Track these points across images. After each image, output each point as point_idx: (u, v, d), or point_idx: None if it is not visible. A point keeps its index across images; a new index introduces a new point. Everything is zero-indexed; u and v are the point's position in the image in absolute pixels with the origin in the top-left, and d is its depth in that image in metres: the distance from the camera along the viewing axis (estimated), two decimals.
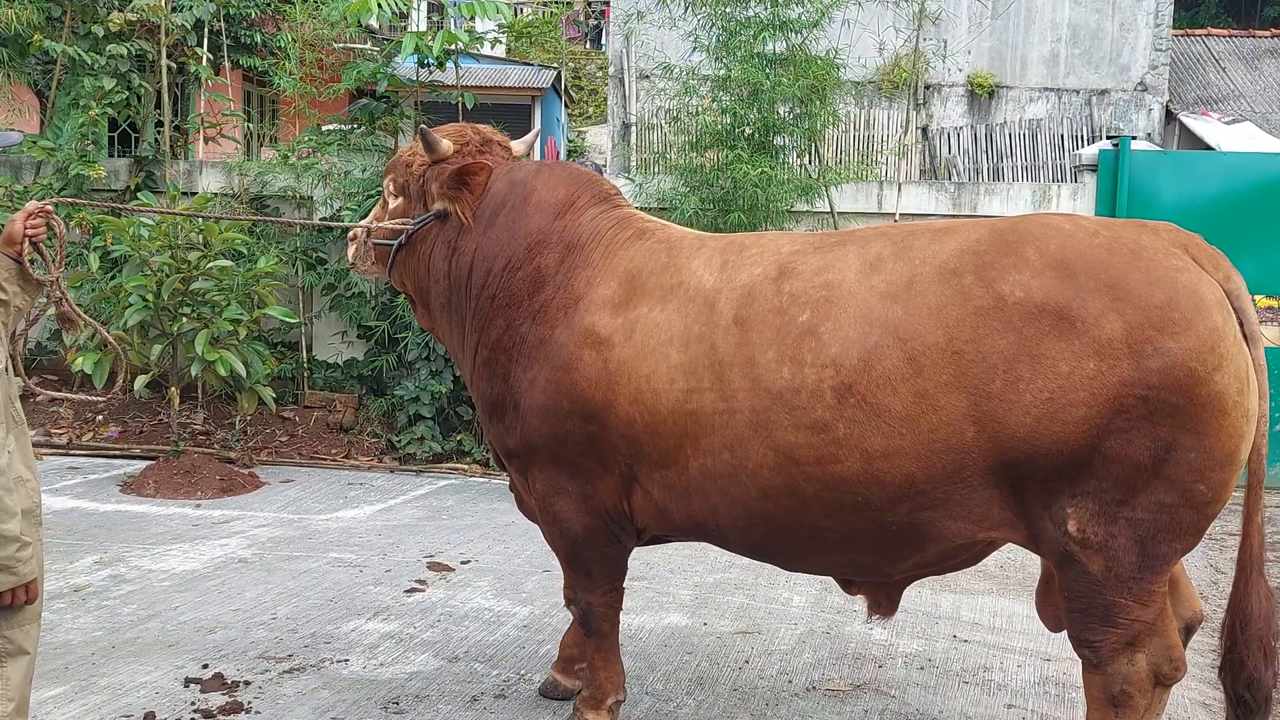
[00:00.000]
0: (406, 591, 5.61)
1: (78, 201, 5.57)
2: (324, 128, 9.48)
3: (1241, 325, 2.94)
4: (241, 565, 5.96)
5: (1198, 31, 19.00)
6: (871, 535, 3.23)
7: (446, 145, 4.02)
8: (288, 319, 8.13)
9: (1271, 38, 18.65)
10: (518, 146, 4.29)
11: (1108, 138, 14.16)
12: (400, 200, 4.17)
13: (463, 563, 6.16)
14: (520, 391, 3.69)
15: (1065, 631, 3.25)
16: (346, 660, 4.66)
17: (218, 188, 9.48)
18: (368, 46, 10.27)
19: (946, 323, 3.03)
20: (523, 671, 4.61)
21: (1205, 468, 2.88)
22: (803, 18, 8.13)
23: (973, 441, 2.99)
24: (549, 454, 3.68)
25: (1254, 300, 3.09)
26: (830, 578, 3.89)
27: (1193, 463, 2.87)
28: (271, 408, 8.41)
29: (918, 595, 5.60)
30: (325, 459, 8.77)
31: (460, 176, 3.92)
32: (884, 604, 3.71)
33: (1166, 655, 3.07)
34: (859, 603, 5.58)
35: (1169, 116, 15.49)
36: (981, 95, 15.14)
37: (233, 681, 4.36)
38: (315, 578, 5.78)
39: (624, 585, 3.96)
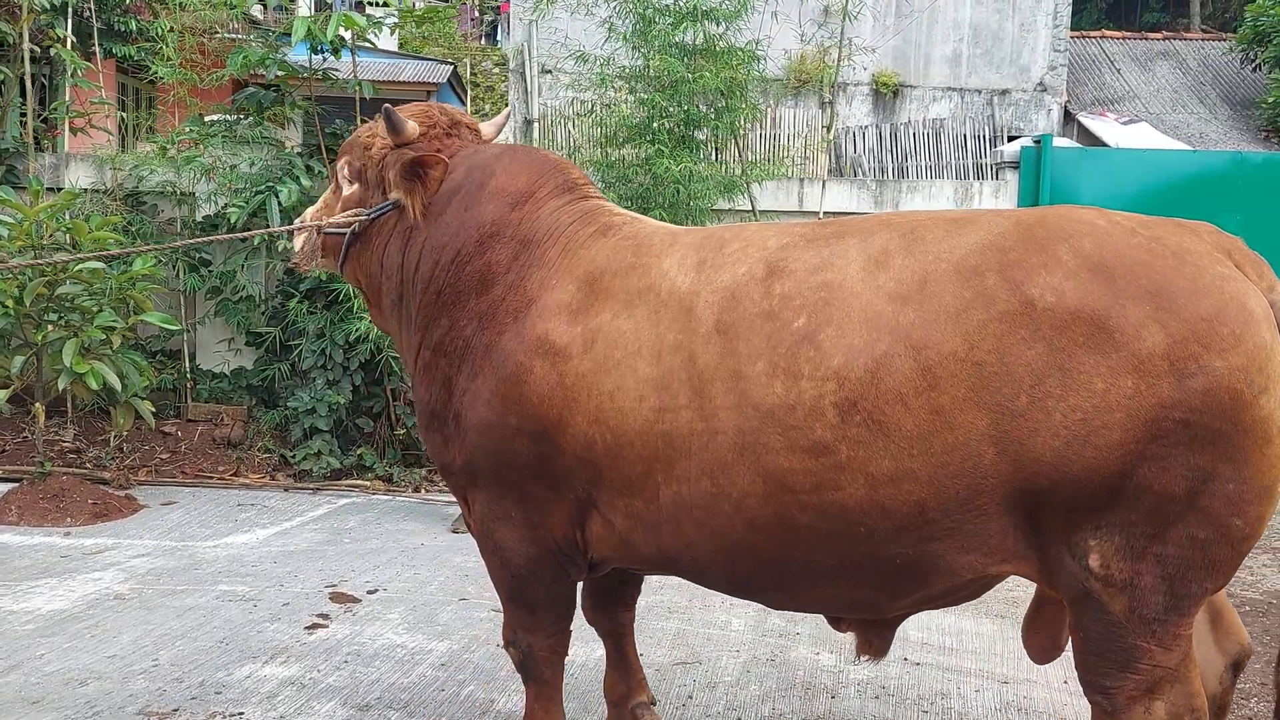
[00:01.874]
0: (307, 628, 5.06)
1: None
2: (207, 118, 8.80)
3: None
4: (118, 603, 5.34)
5: (1093, 33, 19.33)
6: (872, 569, 2.83)
7: (412, 127, 3.57)
8: (167, 326, 7.45)
9: (1163, 40, 19.07)
10: (487, 129, 3.84)
11: (1009, 137, 14.24)
12: (356, 187, 3.71)
13: (369, 592, 5.63)
14: (462, 402, 3.24)
15: (1073, 671, 2.91)
16: (241, 713, 4.13)
17: (88, 182, 8.73)
18: (249, 38, 9.60)
19: (966, 329, 2.64)
20: (443, 718, 4.12)
21: (1244, 500, 2.55)
22: (724, 7, 7.79)
23: (991, 465, 2.62)
24: (492, 475, 3.21)
25: None
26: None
27: (1231, 494, 2.53)
28: (150, 422, 7.71)
29: None
30: (211, 478, 8.11)
31: (414, 168, 3.48)
32: (875, 643, 3.30)
33: (1188, 704, 2.71)
34: (801, 625, 5.30)
35: (1068, 117, 15.63)
36: (886, 94, 15.06)
37: None
38: (203, 615, 5.19)
39: (570, 627, 3.50)
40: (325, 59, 8.45)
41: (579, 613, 3.44)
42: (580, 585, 3.62)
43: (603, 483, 3.06)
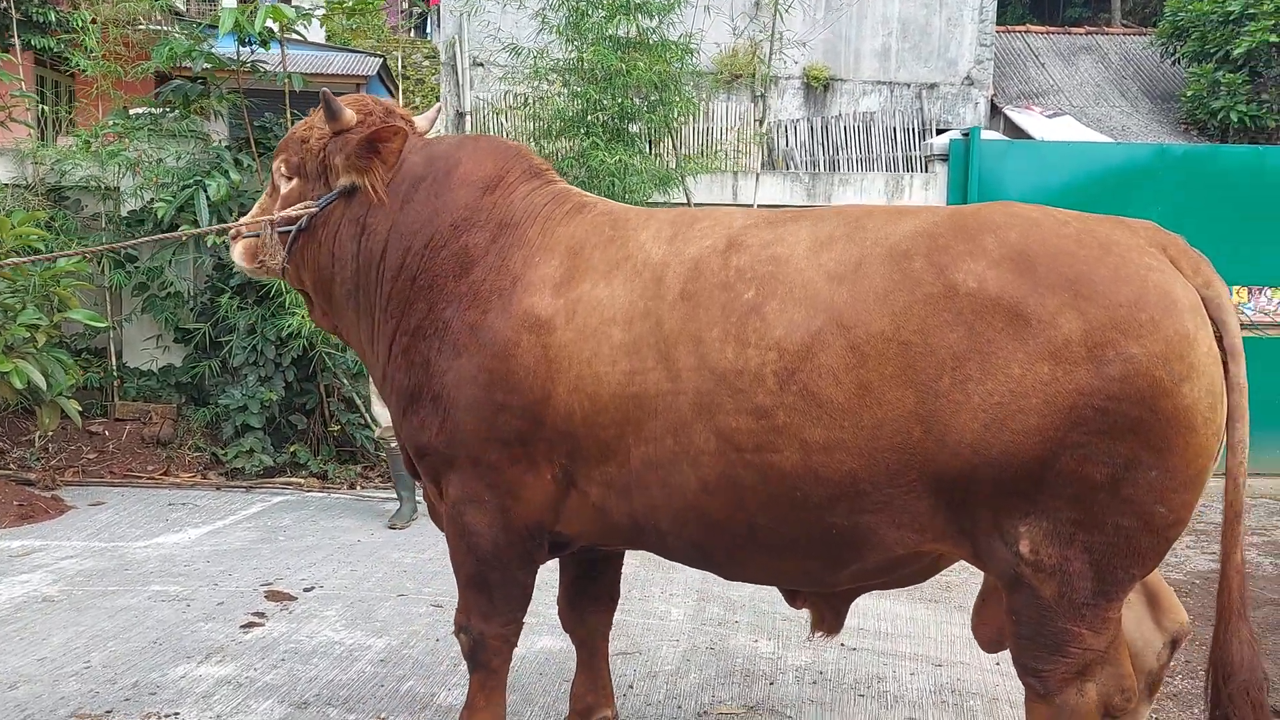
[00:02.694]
0: (243, 627, 5.00)
1: None
2: (131, 111, 8.62)
3: (1220, 338, 2.68)
4: (46, 605, 5.23)
5: (1018, 28, 19.68)
6: (811, 538, 2.92)
7: (350, 114, 3.56)
8: (93, 323, 7.30)
9: (1086, 35, 19.46)
10: (421, 122, 3.83)
11: (938, 130, 14.45)
12: (296, 182, 3.67)
13: (305, 590, 5.57)
14: (444, 383, 3.26)
15: (1006, 653, 2.98)
16: (176, 714, 4.07)
17: (9, 178, 8.50)
18: (173, 29, 9.42)
19: (893, 309, 2.73)
20: (383, 714, 4.11)
21: (1167, 489, 2.61)
22: (657, 0, 7.81)
23: (919, 442, 2.69)
24: (471, 455, 3.24)
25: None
26: (711, 589, 3.51)
27: (1154, 482, 2.60)
28: (77, 422, 7.56)
29: None
30: (141, 477, 7.97)
31: (371, 144, 3.47)
32: (829, 618, 3.39)
33: (1118, 685, 2.81)
34: (740, 613, 5.36)
35: (994, 110, 15.90)
36: (817, 88, 15.21)
37: None
38: (135, 616, 5.10)
39: (524, 619, 3.51)
40: (253, 51, 8.33)
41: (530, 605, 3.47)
42: (557, 588, 3.72)
43: (580, 453, 3.13)
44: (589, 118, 7.82)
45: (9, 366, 6.61)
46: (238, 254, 3.83)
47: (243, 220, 3.93)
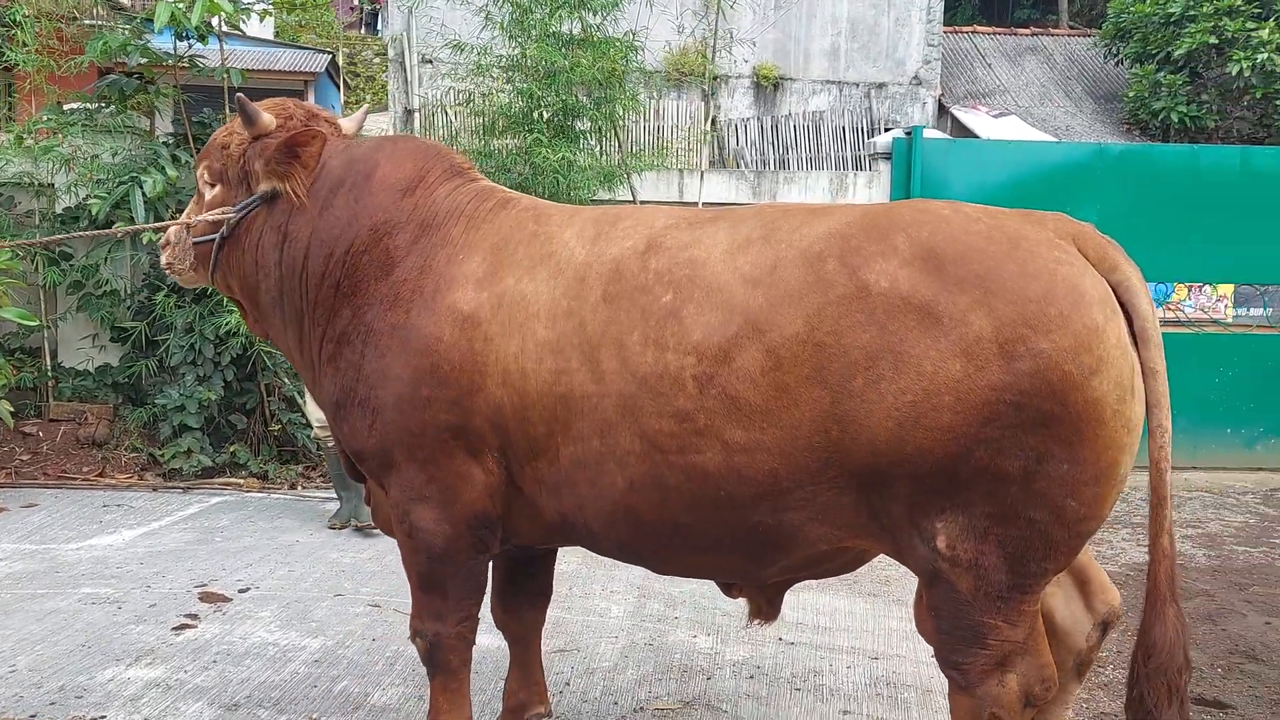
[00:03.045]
0: (175, 629, 4.92)
1: None
2: (66, 106, 8.46)
3: (1131, 323, 2.69)
4: None
5: (965, 29, 19.87)
6: (736, 536, 2.93)
7: (267, 118, 3.53)
8: (25, 322, 7.14)
9: (1032, 35, 19.69)
10: (347, 124, 3.80)
11: (886, 130, 14.56)
12: (218, 189, 3.64)
13: (241, 591, 5.50)
14: (370, 384, 3.24)
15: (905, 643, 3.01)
16: (103, 716, 4.00)
17: None
18: (111, 23, 9.26)
19: (807, 311, 2.75)
20: (316, 715, 4.06)
21: (1079, 482, 2.62)
22: None
23: (837, 441, 2.71)
24: (407, 452, 3.22)
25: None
26: (652, 586, 3.51)
27: (1065, 476, 2.61)
28: (9, 422, 7.41)
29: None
30: (75, 478, 7.83)
31: (289, 148, 3.44)
32: (765, 608, 3.39)
33: (1039, 675, 2.83)
34: (680, 609, 5.35)
35: (941, 110, 16.05)
36: (767, 87, 15.26)
37: None
38: (64, 619, 5.00)
39: (479, 615, 3.46)
40: (191, 46, 8.21)
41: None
42: (490, 580, 3.65)
43: (511, 449, 3.12)
44: (533, 114, 7.79)
45: None
46: (164, 258, 3.85)
47: (165, 223, 3.90)
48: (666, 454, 2.87)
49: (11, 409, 7.25)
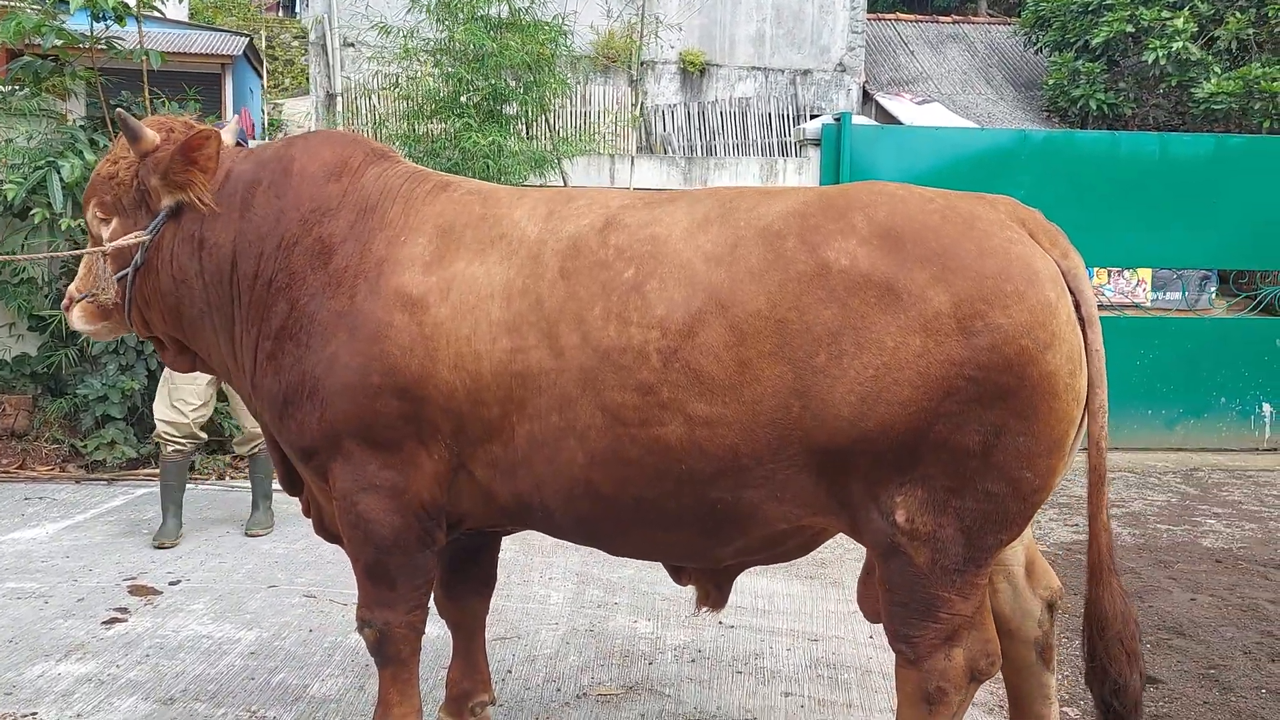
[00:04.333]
0: (104, 623, 4.82)
1: None
2: None
3: (1079, 307, 2.78)
4: None
5: (888, 16, 20.09)
6: (695, 512, 2.95)
7: (152, 134, 3.42)
8: None
9: (953, 23, 19.97)
10: (225, 135, 3.67)
11: (811, 116, 14.68)
12: (116, 223, 3.48)
13: (171, 584, 5.39)
14: (318, 374, 3.16)
15: (880, 625, 3.05)
16: (34, 713, 3.91)
17: None
18: (22, 4, 8.97)
19: (769, 288, 2.78)
20: (254, 708, 4.00)
21: (1034, 454, 2.70)
22: None
23: (798, 417, 2.75)
24: (356, 441, 3.16)
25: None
26: (590, 572, 3.50)
27: (1021, 448, 2.69)
28: None
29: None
30: None
31: (185, 155, 3.33)
32: (714, 594, 3.42)
33: (984, 649, 2.91)
34: (619, 595, 5.37)
35: (866, 97, 16.23)
36: (694, 73, 15.29)
37: None
38: None
39: (428, 603, 3.43)
40: (108, 27, 7.97)
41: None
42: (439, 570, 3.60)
43: (465, 433, 3.09)
44: (461, 99, 7.72)
45: None
46: (78, 319, 3.63)
47: (76, 252, 3.73)
48: (628, 427, 2.88)
49: None
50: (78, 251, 3.71)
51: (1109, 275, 14.45)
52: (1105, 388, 2.80)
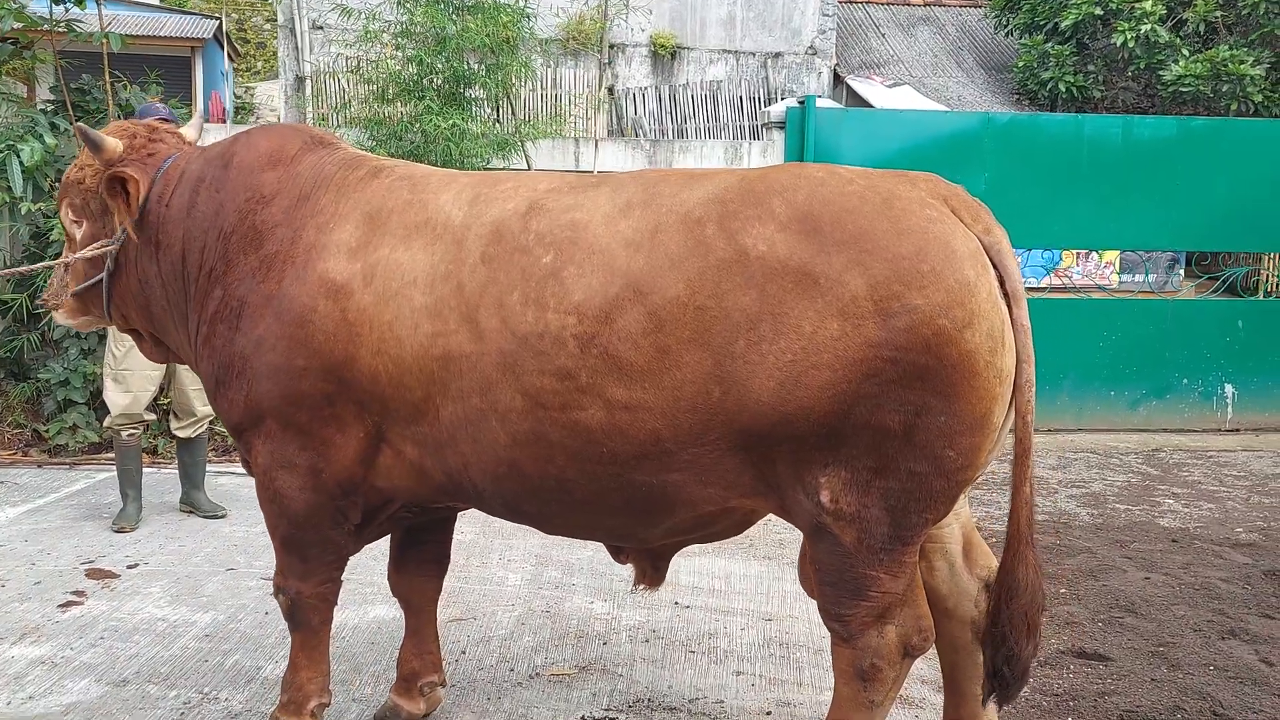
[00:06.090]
0: (60, 606, 4.83)
1: None
2: None
3: (1003, 283, 2.78)
4: None
5: None
6: (620, 495, 2.99)
7: (112, 143, 3.59)
8: None
9: (924, 6, 19.98)
10: (189, 132, 3.91)
11: (782, 99, 14.69)
12: (86, 226, 3.70)
13: (129, 567, 5.40)
14: (244, 355, 3.27)
15: (813, 600, 3.09)
16: None
17: None
18: None
19: (688, 275, 2.80)
20: (206, 689, 4.03)
21: (955, 433, 2.71)
22: None
23: (719, 403, 2.77)
24: (278, 420, 3.26)
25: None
26: (550, 554, 3.54)
27: (943, 428, 2.70)
28: None
29: None
30: None
31: (111, 183, 3.52)
32: (650, 574, 3.46)
33: (916, 626, 2.94)
34: (577, 576, 5.41)
35: (837, 79, 16.24)
36: (664, 56, 15.27)
37: None
38: None
39: (341, 578, 3.53)
40: (69, 10, 7.91)
41: (349, 573, 3.44)
42: (390, 547, 3.76)
43: (390, 414, 3.15)
44: (424, 81, 7.70)
45: None
46: (61, 316, 3.86)
47: (43, 264, 4.07)
48: (549, 410, 2.91)
49: None
50: (43, 265, 4.00)
51: (1075, 258, 14.54)
52: (1032, 363, 2.80)
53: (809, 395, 2.69)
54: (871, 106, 14.85)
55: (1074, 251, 14.11)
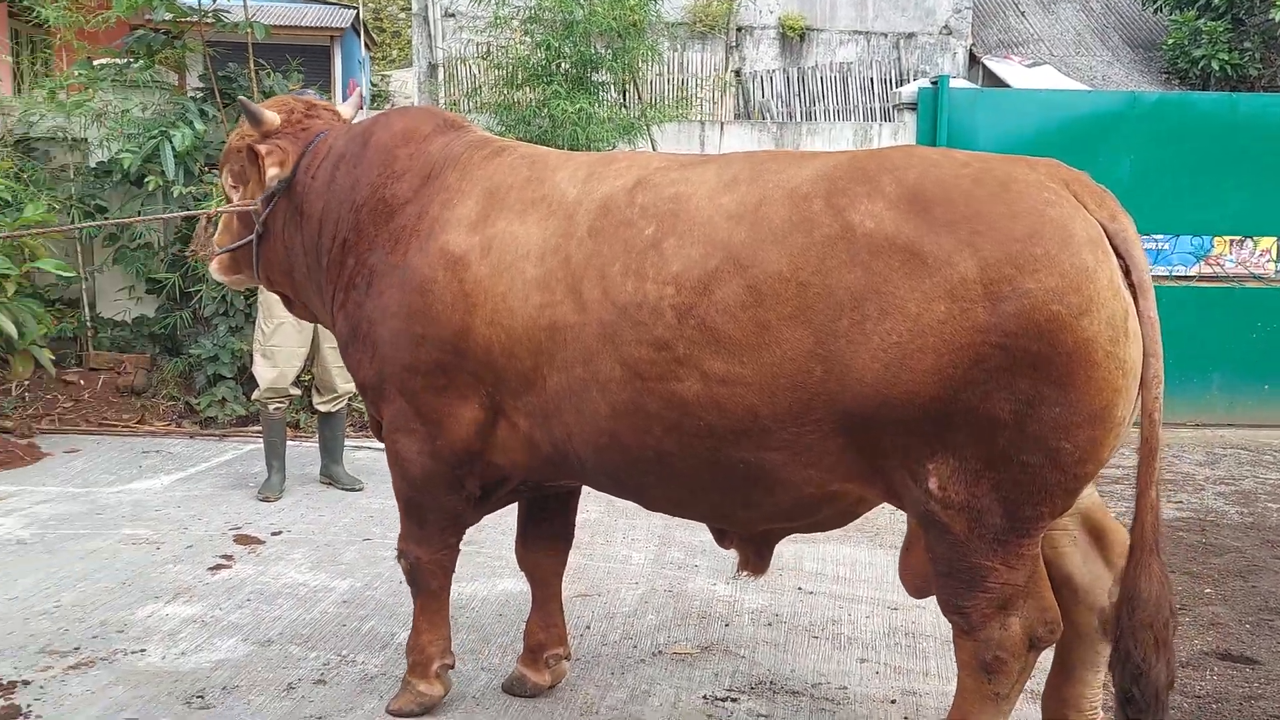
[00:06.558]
0: (210, 569, 5.09)
1: None
2: (96, 62, 8.55)
3: (1128, 273, 2.67)
4: (19, 547, 5.32)
5: None
6: (718, 471, 2.99)
7: (270, 116, 3.87)
8: (62, 273, 7.31)
9: None
10: (346, 109, 4.14)
11: (915, 80, 14.41)
12: (242, 190, 3.98)
13: (273, 534, 5.66)
14: (370, 321, 3.49)
15: (932, 596, 3.06)
16: (143, 650, 4.17)
17: None
18: None
19: (791, 250, 2.78)
20: (344, 652, 4.21)
21: (1072, 425, 2.60)
22: None
23: (820, 382, 2.74)
24: (398, 386, 3.46)
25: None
26: (673, 535, 3.58)
27: (1058, 419, 2.59)
28: (50, 370, 7.60)
29: None
30: (116, 425, 8.02)
31: (251, 155, 3.86)
32: (753, 560, 3.47)
33: (1041, 618, 2.86)
34: (700, 558, 5.45)
35: (973, 60, 15.85)
36: (793, 38, 15.13)
37: (9, 682, 3.85)
38: (105, 558, 5.19)
39: (460, 545, 3.71)
40: (216, 1, 8.26)
41: (478, 547, 3.58)
42: (517, 522, 3.90)
43: (503, 384, 3.28)
44: (551, 66, 7.81)
45: None
46: (214, 270, 4.16)
47: (192, 212, 4.19)
48: (646, 381, 2.95)
49: (53, 357, 7.44)
50: (185, 213, 4.28)
51: (1228, 245, 13.90)
52: (1160, 358, 2.68)
53: (914, 379, 2.64)
54: (1009, 86, 14.45)
55: (1227, 238, 13.50)
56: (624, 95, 8.98)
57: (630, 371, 2.97)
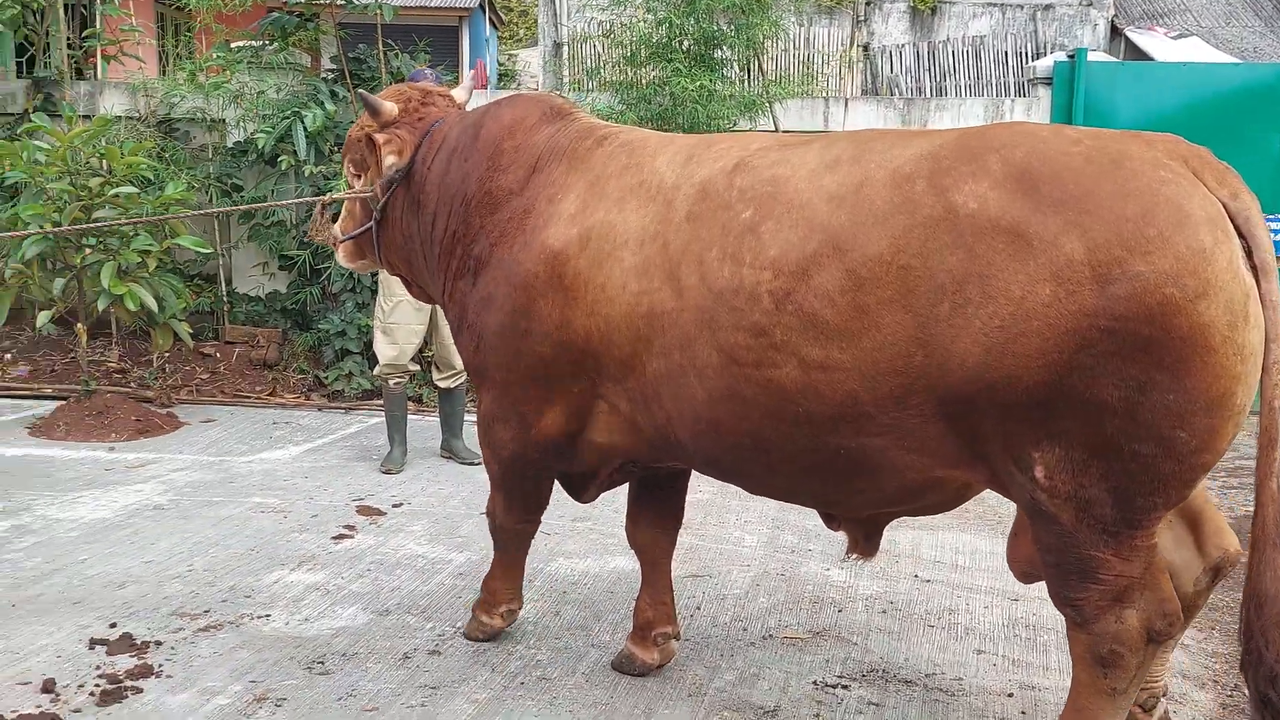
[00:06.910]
0: (334, 538, 5.25)
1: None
2: (233, 44, 8.86)
3: (1250, 254, 2.52)
4: (156, 513, 5.56)
5: None
6: (818, 457, 2.94)
7: (389, 107, 3.98)
8: (200, 249, 7.59)
9: None
10: (459, 94, 4.25)
11: (1052, 53, 13.92)
12: (363, 178, 4.14)
13: (394, 506, 5.81)
14: (479, 310, 3.60)
15: (1041, 584, 2.96)
16: (268, 615, 4.32)
17: (122, 110, 8.85)
18: None
19: (892, 233, 2.69)
20: (459, 624, 4.28)
21: (1188, 413, 2.46)
22: None
23: (920, 367, 2.66)
24: (500, 375, 3.59)
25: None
26: (787, 518, 3.57)
27: (1172, 406, 2.46)
28: (188, 343, 7.92)
29: None
30: (249, 397, 8.33)
31: (370, 144, 3.99)
32: (862, 543, 3.42)
33: (1160, 610, 2.73)
34: (814, 542, 5.40)
35: (1114, 32, 15.24)
36: (924, 11, 14.76)
37: (142, 642, 4.00)
38: (235, 525, 5.39)
39: (540, 519, 4.01)
40: None
41: (591, 524, 3.64)
42: (627, 501, 3.98)
43: (603, 370, 3.32)
44: (673, 43, 7.77)
45: (123, 289, 6.95)
46: (341, 256, 4.36)
47: (331, 217, 4.40)
48: (743, 367, 2.92)
49: (191, 331, 7.75)
50: (304, 200, 4.49)
51: None
52: None
53: (1017, 364, 2.54)
54: (1153, 60, 13.86)
55: None
56: (747, 72, 8.90)
57: (726, 357, 2.94)
